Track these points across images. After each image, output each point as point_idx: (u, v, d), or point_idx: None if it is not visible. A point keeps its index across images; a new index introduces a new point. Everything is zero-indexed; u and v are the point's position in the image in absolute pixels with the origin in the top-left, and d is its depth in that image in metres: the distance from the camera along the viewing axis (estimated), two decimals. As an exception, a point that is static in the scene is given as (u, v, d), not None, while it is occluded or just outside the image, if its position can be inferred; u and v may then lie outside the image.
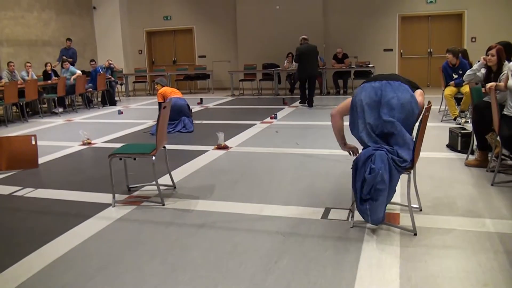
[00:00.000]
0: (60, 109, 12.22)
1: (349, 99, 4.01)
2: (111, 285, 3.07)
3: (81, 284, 3.11)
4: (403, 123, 3.64)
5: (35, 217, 4.54)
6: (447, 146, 6.45)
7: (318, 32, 15.16)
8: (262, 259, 3.33)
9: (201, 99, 13.27)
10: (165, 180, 5.27)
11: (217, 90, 16.26)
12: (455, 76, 8.46)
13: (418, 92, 3.96)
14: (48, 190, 5.35)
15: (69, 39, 14.20)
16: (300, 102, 12.14)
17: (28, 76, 12.19)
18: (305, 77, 11.72)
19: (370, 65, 13.67)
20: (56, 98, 12.16)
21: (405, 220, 3.86)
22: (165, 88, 8.89)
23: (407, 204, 3.74)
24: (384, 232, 3.67)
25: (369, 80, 3.91)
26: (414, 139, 3.65)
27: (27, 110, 11.87)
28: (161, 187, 4.88)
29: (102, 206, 4.63)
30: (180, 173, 5.68)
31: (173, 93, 8.82)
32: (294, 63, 12.25)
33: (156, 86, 9.05)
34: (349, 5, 15.09)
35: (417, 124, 3.79)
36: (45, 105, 12.85)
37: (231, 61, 16.52)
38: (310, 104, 11.59)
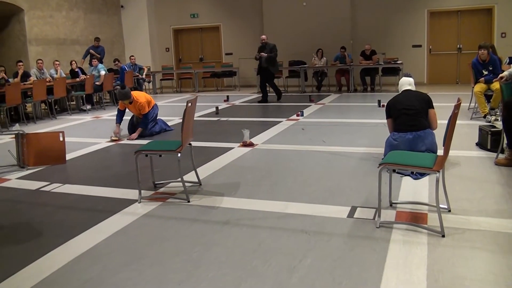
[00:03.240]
0: (88, 106, 12.38)
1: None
2: (135, 281, 3.09)
3: (106, 279, 3.13)
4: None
5: (62, 212, 4.60)
6: (477, 144, 6.31)
7: (345, 28, 15.05)
8: (286, 257, 3.30)
9: (227, 96, 13.29)
10: (190, 177, 5.28)
11: (243, 87, 16.25)
12: (485, 73, 8.28)
13: (433, 112, 5.39)
14: (75, 185, 5.42)
15: (97, 38, 14.35)
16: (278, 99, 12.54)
17: (56, 74, 12.37)
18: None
19: (398, 62, 13.47)
20: (84, 96, 12.32)
21: (433, 220, 3.79)
22: (140, 95, 8.39)
23: (435, 204, 3.66)
24: (411, 233, 3.60)
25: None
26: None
27: (55, 107, 12.04)
28: (187, 184, 4.89)
29: (128, 202, 4.66)
30: (205, 170, 5.69)
31: (152, 99, 8.51)
32: (267, 57, 12.17)
33: (123, 102, 8.16)
34: (377, 1, 14.90)
35: (446, 122, 3.74)
36: (73, 102, 13.03)
37: (257, 58, 16.48)
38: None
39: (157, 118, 8.58)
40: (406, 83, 5.62)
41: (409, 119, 5.26)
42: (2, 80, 10.87)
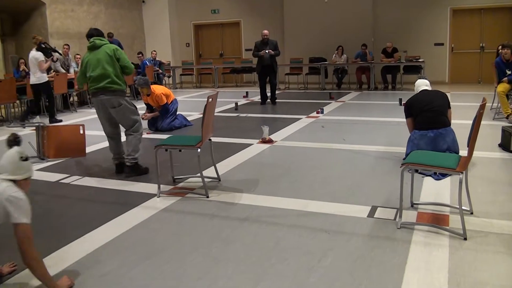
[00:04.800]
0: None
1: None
2: (153, 275, 3.09)
3: (124, 272, 3.14)
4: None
5: (81, 205, 4.63)
6: (499, 145, 6.21)
7: (367, 26, 14.91)
8: (305, 256, 3.27)
9: (246, 92, 13.28)
10: (209, 172, 5.28)
11: (263, 83, 16.17)
12: (509, 72, 8.14)
13: (449, 112, 5.28)
14: (94, 178, 5.45)
15: (110, 34, 14.29)
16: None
17: (78, 67, 12.47)
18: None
19: (420, 60, 13.33)
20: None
21: (455, 222, 3.73)
22: (157, 87, 8.46)
23: (457, 206, 3.60)
24: (433, 235, 3.55)
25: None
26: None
27: (71, 100, 12.07)
28: (206, 179, 4.89)
29: (147, 196, 4.67)
30: (224, 166, 5.68)
31: (171, 93, 8.61)
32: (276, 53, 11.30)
33: (141, 89, 8.22)
34: (399, -2, 14.78)
35: (469, 122, 3.68)
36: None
37: (277, 54, 16.43)
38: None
39: (177, 113, 8.61)
40: (423, 84, 5.56)
41: (430, 117, 5.18)
42: (23, 72, 10.98)
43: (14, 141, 2.92)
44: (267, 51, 11.11)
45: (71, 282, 2.96)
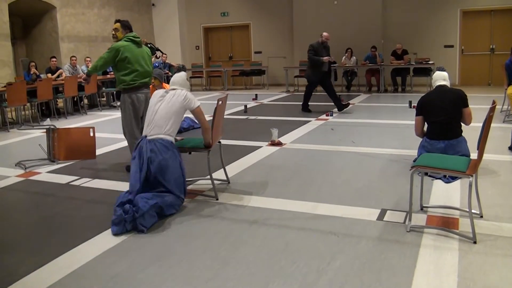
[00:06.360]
0: (118, 103, 12.50)
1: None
2: (162, 277, 3.10)
3: (133, 275, 3.16)
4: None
5: (91, 207, 4.66)
6: (509, 148, 6.17)
7: (376, 28, 14.87)
8: (314, 259, 3.27)
9: (256, 95, 13.27)
10: (219, 174, 5.29)
11: (272, 86, 16.21)
12: (520, 75, 8.09)
13: (468, 112, 4.97)
14: (104, 180, 5.48)
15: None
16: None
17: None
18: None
19: (430, 62, 13.28)
20: (114, 92, 12.45)
21: (464, 226, 3.71)
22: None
23: (467, 209, 3.59)
24: (442, 238, 3.53)
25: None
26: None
27: (82, 103, 12.15)
28: (215, 182, 4.90)
29: (157, 199, 4.68)
30: (234, 168, 5.69)
31: None
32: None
33: (154, 80, 7.44)
34: (409, 0, 14.72)
35: (479, 124, 3.66)
36: (104, 99, 13.19)
37: (286, 57, 16.43)
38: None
39: (185, 116, 8.63)
40: (441, 78, 5.21)
41: (442, 128, 5.01)
42: (34, 75, 11.08)
43: (182, 68, 4.79)
44: (330, 58, 10.09)
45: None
